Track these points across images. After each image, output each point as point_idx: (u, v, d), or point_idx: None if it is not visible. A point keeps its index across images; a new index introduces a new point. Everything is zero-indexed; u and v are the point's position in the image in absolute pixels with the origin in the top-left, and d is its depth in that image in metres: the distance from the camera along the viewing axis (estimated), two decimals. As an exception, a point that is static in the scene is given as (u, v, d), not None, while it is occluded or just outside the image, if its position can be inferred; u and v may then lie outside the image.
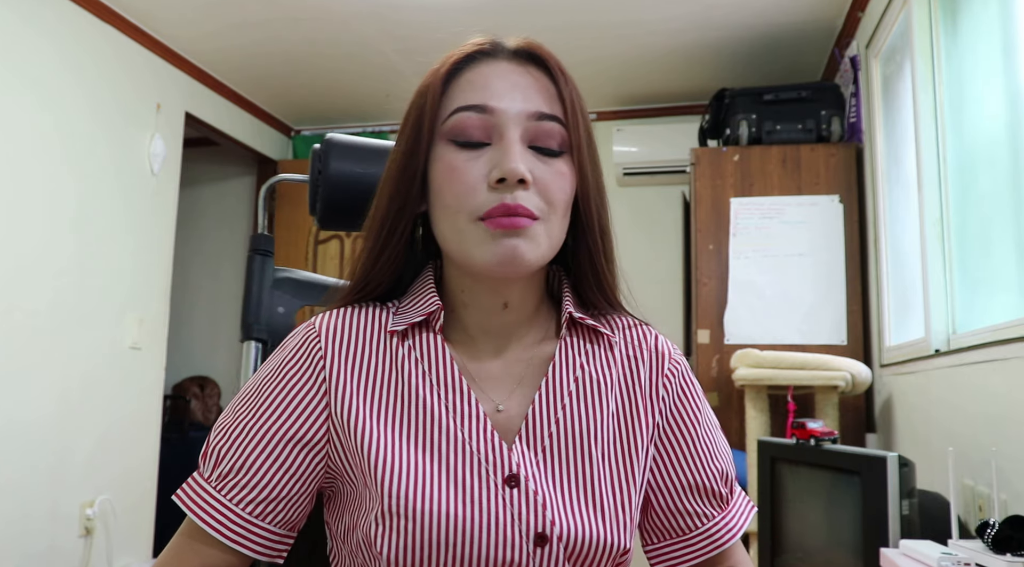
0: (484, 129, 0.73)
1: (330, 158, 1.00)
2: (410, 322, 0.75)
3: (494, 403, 0.75)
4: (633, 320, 0.84)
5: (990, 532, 1.29)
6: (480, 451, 0.71)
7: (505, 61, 0.76)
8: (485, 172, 0.72)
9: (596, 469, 0.73)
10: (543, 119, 0.73)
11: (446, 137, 0.73)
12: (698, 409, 0.82)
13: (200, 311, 4.37)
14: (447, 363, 0.75)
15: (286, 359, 0.75)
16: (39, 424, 2.73)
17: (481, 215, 0.71)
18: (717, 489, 0.80)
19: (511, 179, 0.70)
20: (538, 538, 0.69)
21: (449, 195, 0.72)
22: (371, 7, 3.01)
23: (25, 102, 2.71)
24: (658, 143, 3.75)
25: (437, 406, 0.73)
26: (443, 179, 0.73)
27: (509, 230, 0.70)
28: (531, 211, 0.71)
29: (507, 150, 0.71)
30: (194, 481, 0.74)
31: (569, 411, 0.75)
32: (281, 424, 0.73)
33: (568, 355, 0.78)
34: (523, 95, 0.73)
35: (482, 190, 0.71)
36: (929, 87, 2.28)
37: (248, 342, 1.12)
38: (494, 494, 0.70)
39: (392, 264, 0.78)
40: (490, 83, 0.74)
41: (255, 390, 0.76)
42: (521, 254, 0.70)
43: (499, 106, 0.72)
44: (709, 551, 0.78)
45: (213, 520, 0.71)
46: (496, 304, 0.77)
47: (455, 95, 0.74)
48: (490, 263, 0.71)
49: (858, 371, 2.53)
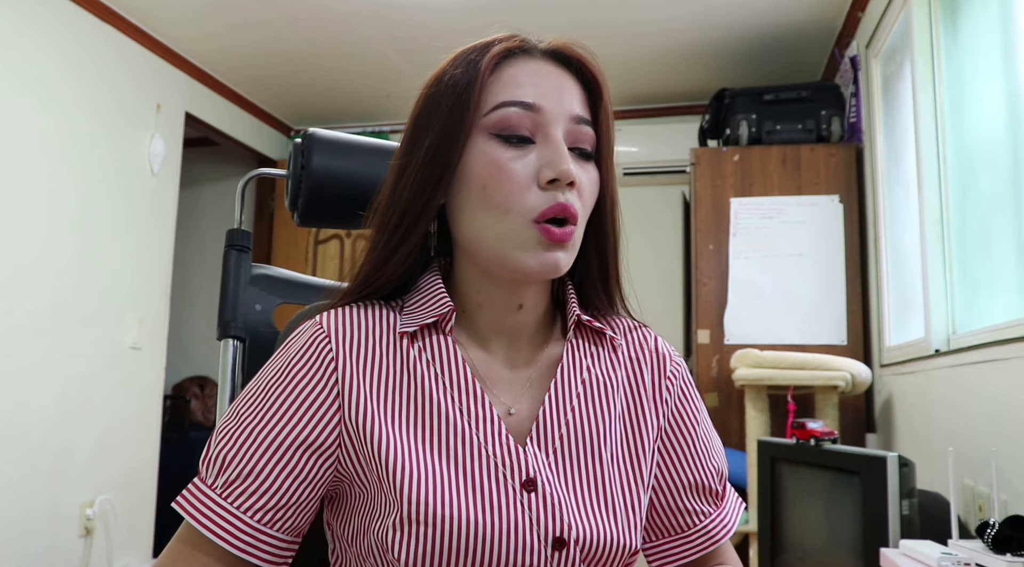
0: (530, 126, 0.71)
1: (313, 153, 0.98)
2: (421, 323, 0.73)
3: (505, 406, 0.74)
4: (633, 322, 0.83)
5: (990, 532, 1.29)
6: (496, 455, 0.70)
7: (543, 60, 0.75)
8: (533, 171, 0.70)
9: (606, 470, 0.73)
10: (581, 123, 0.73)
11: (488, 131, 0.71)
12: (697, 410, 0.83)
13: (200, 311, 4.37)
14: (459, 365, 0.73)
15: (294, 360, 0.72)
16: (39, 424, 2.73)
17: (535, 216, 0.69)
18: (713, 487, 0.81)
19: (564, 180, 0.69)
20: (556, 542, 0.69)
21: (497, 193, 0.70)
22: (371, 7, 3.02)
23: (25, 102, 2.71)
24: (658, 143, 3.75)
25: (451, 409, 0.71)
26: (488, 175, 0.70)
27: (558, 242, 0.70)
28: (577, 213, 0.71)
29: (558, 150, 0.70)
30: (196, 488, 0.70)
31: (578, 413, 0.75)
32: (291, 428, 0.70)
33: (575, 357, 0.78)
34: (564, 96, 0.73)
35: (533, 190, 0.70)
36: (929, 87, 2.28)
37: (226, 340, 1.09)
38: (513, 499, 0.69)
39: (408, 259, 0.75)
40: (535, 80, 0.73)
41: (261, 392, 0.72)
42: (562, 266, 0.71)
43: (546, 105, 0.71)
44: (705, 547, 0.80)
45: (219, 529, 0.68)
46: (512, 305, 0.76)
47: (497, 89, 0.72)
48: (532, 269, 0.70)
49: (858, 371, 2.53)
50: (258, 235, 4.37)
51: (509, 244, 0.70)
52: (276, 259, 4.23)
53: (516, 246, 0.70)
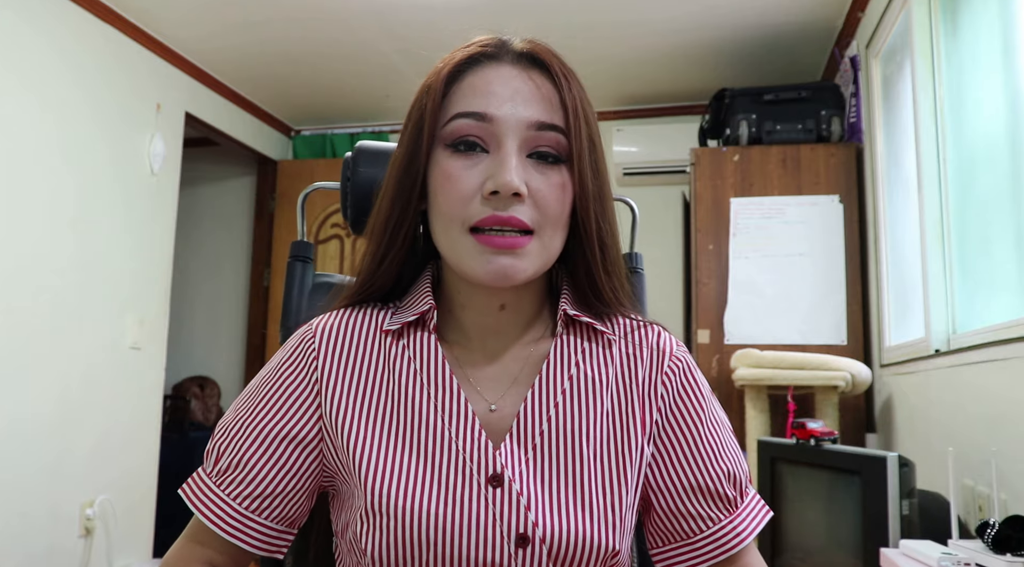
0: (482, 137, 0.72)
1: (358, 165, 1.03)
2: (404, 321, 0.76)
3: (487, 402, 0.75)
4: (637, 321, 0.82)
5: (990, 532, 1.29)
6: (466, 450, 0.71)
7: (508, 65, 0.75)
8: (480, 182, 0.71)
9: (587, 468, 0.72)
10: (543, 129, 0.72)
11: (444, 142, 0.73)
12: (701, 408, 0.79)
13: (200, 311, 4.37)
14: (439, 362, 0.75)
15: (283, 359, 0.78)
16: (39, 424, 2.73)
17: (472, 225, 0.71)
18: (722, 491, 0.77)
19: (505, 192, 0.69)
20: (519, 539, 0.69)
21: (444, 203, 0.72)
22: (371, 7, 3.02)
23: (25, 102, 2.70)
24: (658, 143, 3.75)
25: (426, 405, 0.73)
26: (438, 185, 0.73)
27: (502, 249, 0.70)
28: (524, 223, 0.70)
29: (503, 162, 0.70)
30: (197, 476, 0.76)
31: (561, 409, 0.74)
32: (276, 422, 0.74)
33: (563, 353, 0.77)
34: (524, 103, 0.72)
35: (476, 200, 0.71)
36: (929, 87, 2.28)
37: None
38: (477, 494, 0.70)
39: (396, 265, 0.78)
40: (491, 89, 0.73)
41: (255, 390, 0.78)
42: (512, 273, 0.71)
43: (498, 114, 0.71)
44: (716, 556, 0.76)
45: (212, 514, 0.73)
46: (492, 306, 0.77)
47: (456, 99, 0.74)
48: (481, 277, 0.71)
49: (858, 371, 2.53)
50: (258, 235, 4.37)
51: (459, 253, 0.72)
52: (276, 259, 4.24)
53: (464, 255, 0.72)
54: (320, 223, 4.17)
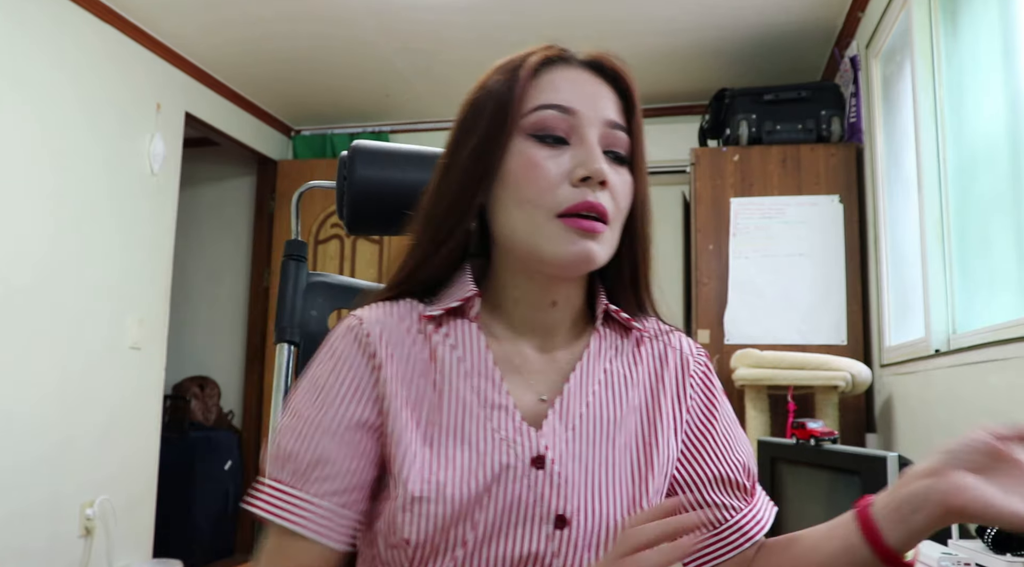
0: (565, 128, 0.75)
1: (355, 165, 1.02)
2: (445, 307, 0.77)
3: (537, 393, 0.77)
4: (663, 326, 0.87)
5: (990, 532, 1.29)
6: (509, 436, 0.73)
7: (579, 69, 0.78)
8: (567, 169, 0.74)
9: (619, 456, 0.76)
10: (615, 128, 0.77)
11: (526, 132, 0.75)
12: (721, 406, 0.85)
13: (200, 311, 4.37)
14: (482, 350, 0.77)
15: (339, 351, 0.77)
16: (40, 424, 2.73)
17: (561, 211, 0.73)
18: (740, 481, 0.82)
19: (596, 178, 0.73)
20: (558, 520, 0.71)
21: (530, 189, 0.74)
22: (371, 7, 3.01)
23: (25, 103, 2.70)
24: (658, 143, 3.74)
25: (468, 392, 0.75)
26: (522, 173, 0.75)
27: (587, 232, 0.73)
28: (607, 211, 0.74)
29: (591, 151, 0.74)
30: (266, 486, 0.72)
31: (598, 397, 0.78)
32: (346, 411, 0.73)
33: (600, 348, 0.81)
34: (599, 102, 0.77)
35: (564, 187, 0.73)
36: (929, 87, 2.28)
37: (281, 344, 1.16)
38: (520, 474, 0.71)
39: (451, 255, 0.79)
40: (570, 86, 0.77)
41: (313, 388, 0.76)
42: (594, 256, 0.74)
43: (581, 108, 0.75)
44: (740, 543, 0.80)
45: (299, 518, 0.70)
46: (546, 301, 0.79)
47: (534, 94, 0.76)
48: (563, 260, 0.73)
49: (858, 371, 2.53)
50: (258, 235, 4.37)
51: (540, 238, 0.74)
52: (276, 259, 4.23)
53: (545, 240, 0.73)
54: (320, 223, 4.17)
